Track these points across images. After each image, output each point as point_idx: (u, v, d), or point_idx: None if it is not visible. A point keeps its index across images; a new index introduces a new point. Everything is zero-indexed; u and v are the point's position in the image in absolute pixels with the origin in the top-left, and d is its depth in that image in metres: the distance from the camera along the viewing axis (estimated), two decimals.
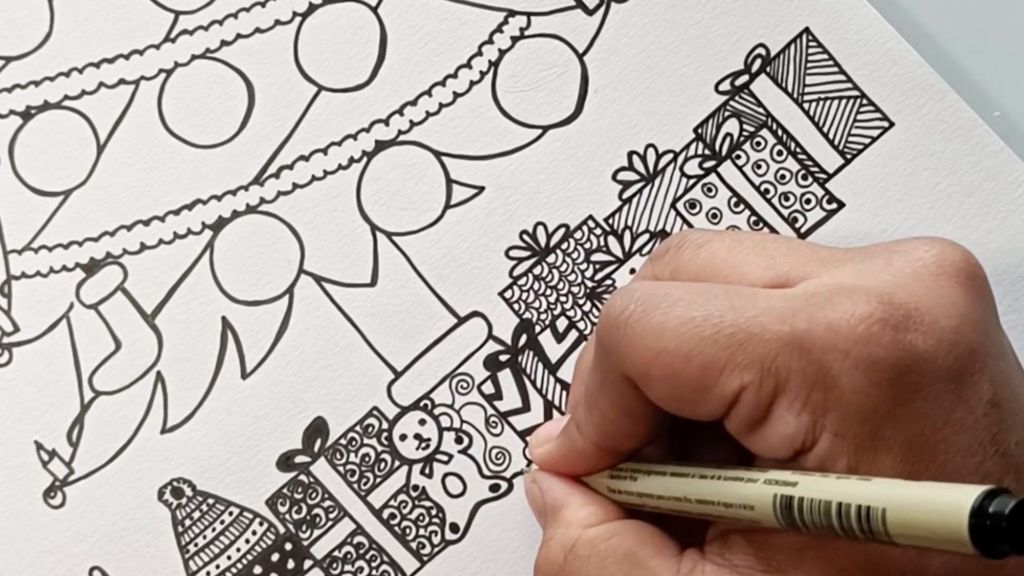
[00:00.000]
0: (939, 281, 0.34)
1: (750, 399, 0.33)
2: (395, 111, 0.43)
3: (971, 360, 0.33)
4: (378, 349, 0.42)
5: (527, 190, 0.43)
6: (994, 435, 0.33)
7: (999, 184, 0.42)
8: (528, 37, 0.43)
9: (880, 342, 0.32)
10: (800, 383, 0.32)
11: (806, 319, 0.33)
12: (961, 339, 0.33)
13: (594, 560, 0.36)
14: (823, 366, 0.32)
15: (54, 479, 0.42)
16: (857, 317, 0.32)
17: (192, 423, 0.42)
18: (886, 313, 0.32)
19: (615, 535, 0.36)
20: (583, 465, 0.38)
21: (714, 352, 0.33)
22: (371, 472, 0.42)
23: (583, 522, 0.37)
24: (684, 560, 0.35)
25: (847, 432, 0.32)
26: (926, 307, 0.33)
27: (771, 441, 0.33)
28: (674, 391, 0.34)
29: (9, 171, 0.43)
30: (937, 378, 0.32)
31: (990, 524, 0.27)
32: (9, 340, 0.42)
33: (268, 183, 0.43)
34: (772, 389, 0.32)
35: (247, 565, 0.42)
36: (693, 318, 0.33)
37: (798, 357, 0.32)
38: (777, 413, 0.33)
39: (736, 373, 0.33)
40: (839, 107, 0.42)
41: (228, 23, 0.43)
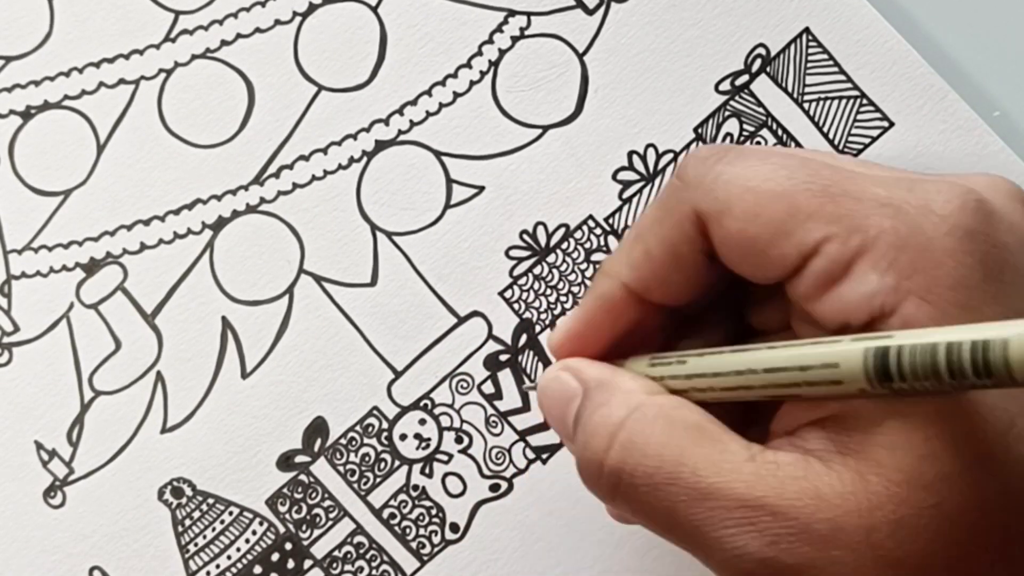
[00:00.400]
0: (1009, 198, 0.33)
1: (832, 251, 0.31)
2: (395, 111, 0.43)
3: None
4: (378, 349, 0.42)
5: (527, 190, 0.43)
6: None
7: None
8: (528, 37, 0.43)
9: (976, 218, 0.31)
10: (890, 242, 0.31)
11: (906, 187, 0.32)
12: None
13: (661, 422, 0.33)
14: (918, 228, 0.31)
15: (54, 479, 0.42)
16: (955, 193, 0.32)
17: (192, 423, 0.42)
18: (979, 201, 0.32)
19: (683, 406, 0.33)
20: (609, 319, 0.35)
21: (805, 199, 0.32)
22: (371, 472, 0.42)
23: (645, 388, 0.34)
24: (754, 445, 0.33)
25: (936, 296, 0.30)
26: (1005, 212, 0.32)
27: (847, 301, 0.31)
28: (752, 231, 0.32)
29: (9, 171, 0.43)
30: (1017, 271, 0.32)
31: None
32: (9, 340, 0.42)
33: (268, 183, 0.43)
34: (857, 245, 0.31)
35: (247, 565, 0.42)
36: (789, 165, 0.32)
37: (892, 217, 0.31)
38: (859, 270, 0.31)
39: (823, 223, 0.31)
40: (839, 107, 0.42)
41: (228, 23, 0.43)
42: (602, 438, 0.33)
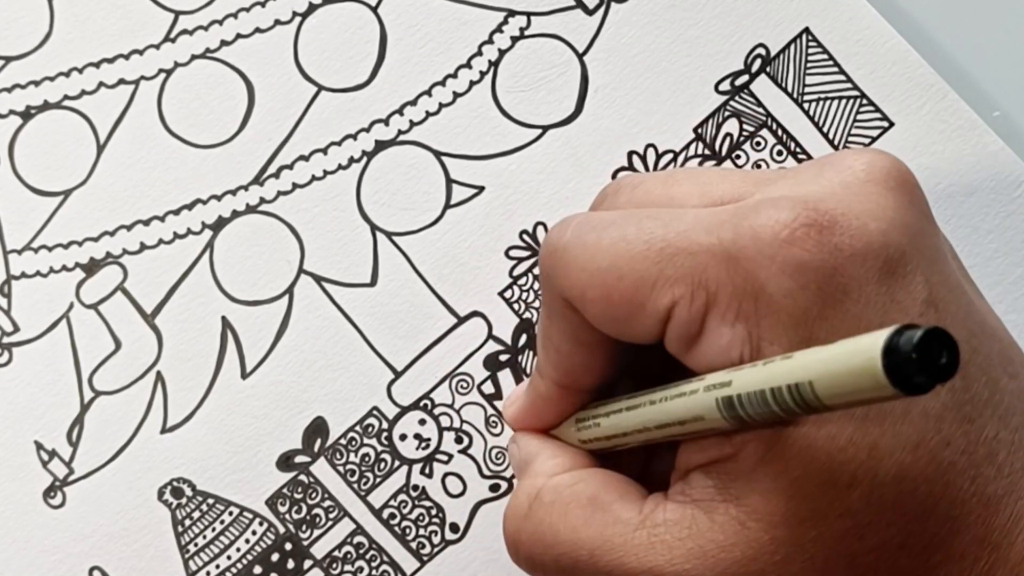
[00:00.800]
0: (867, 187, 0.34)
1: (683, 314, 0.33)
2: (395, 111, 0.43)
3: (902, 262, 0.33)
4: (378, 349, 0.42)
5: (527, 190, 0.43)
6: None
7: (999, 184, 0.42)
8: (528, 37, 0.43)
9: (805, 245, 0.32)
10: (730, 293, 0.32)
11: (732, 229, 0.32)
12: (890, 241, 0.33)
13: (558, 506, 0.36)
14: (750, 274, 0.32)
15: (54, 479, 0.42)
16: (781, 223, 0.32)
17: (192, 423, 0.42)
18: (810, 218, 0.32)
19: (579, 481, 0.36)
20: (551, 411, 0.38)
21: (645, 268, 0.33)
22: (371, 472, 0.42)
23: (550, 471, 0.37)
24: (647, 503, 0.35)
25: (781, 338, 0.32)
26: (853, 212, 0.33)
27: (709, 355, 0.33)
28: (609, 311, 0.34)
29: (9, 171, 0.43)
30: (867, 280, 0.32)
31: (901, 359, 0.26)
32: (9, 340, 0.42)
33: (268, 183, 0.43)
34: (704, 302, 0.33)
35: (247, 565, 0.42)
36: (625, 236, 0.34)
37: (726, 268, 0.32)
38: (711, 326, 0.33)
39: (667, 288, 0.33)
40: (839, 107, 0.42)
41: (228, 23, 0.43)
42: (513, 530, 0.37)
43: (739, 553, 0.33)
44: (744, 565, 0.32)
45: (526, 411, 0.39)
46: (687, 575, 0.33)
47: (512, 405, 0.40)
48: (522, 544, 0.36)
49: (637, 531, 0.34)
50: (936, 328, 0.27)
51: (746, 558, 0.32)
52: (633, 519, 0.34)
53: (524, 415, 0.39)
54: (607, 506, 0.35)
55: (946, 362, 0.27)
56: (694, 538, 0.33)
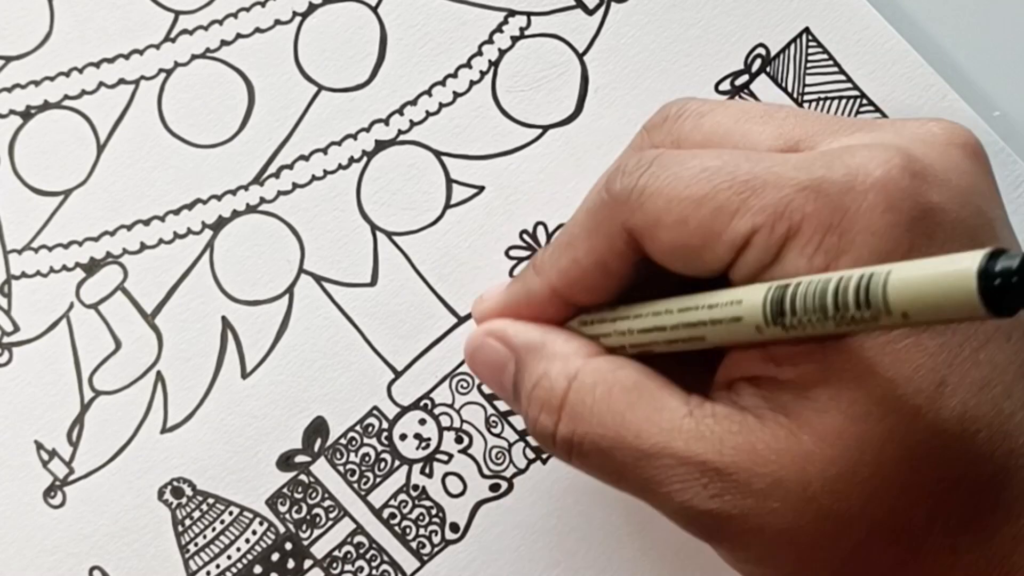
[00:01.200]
0: (948, 150, 0.34)
1: (761, 241, 0.32)
2: (395, 111, 0.43)
3: (982, 220, 0.33)
4: (378, 349, 0.42)
5: (527, 190, 0.43)
6: None
7: (999, 184, 0.42)
8: (528, 37, 0.43)
9: (899, 185, 0.32)
10: (815, 226, 0.32)
11: (824, 167, 0.32)
12: (972, 200, 0.33)
13: (601, 387, 0.34)
14: (840, 207, 0.32)
15: (54, 479, 0.42)
16: (876, 161, 0.32)
17: (192, 423, 0.42)
18: (905, 162, 0.32)
19: (622, 367, 0.35)
20: (532, 311, 0.37)
21: (728, 197, 0.33)
22: (371, 472, 0.42)
23: (581, 352, 0.36)
24: (693, 397, 0.34)
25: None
26: (940, 167, 0.33)
27: None
28: (683, 238, 0.33)
29: (9, 171, 0.43)
30: (951, 229, 0.32)
31: (1000, 283, 0.26)
32: (9, 340, 0.42)
33: (268, 183, 0.43)
34: (784, 232, 0.32)
35: (247, 565, 0.42)
36: (707, 167, 0.33)
37: (814, 200, 0.32)
38: (788, 257, 0.32)
39: (748, 216, 0.32)
40: (839, 107, 0.42)
41: (228, 23, 0.43)
42: (548, 412, 0.35)
43: (789, 460, 0.32)
44: (793, 472, 0.32)
45: (505, 306, 0.38)
46: (734, 467, 0.32)
47: (486, 301, 0.38)
48: (562, 424, 0.35)
49: (686, 418, 0.33)
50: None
51: (797, 465, 0.32)
52: (681, 407, 0.34)
53: (500, 310, 0.38)
54: (654, 392, 0.34)
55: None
56: (745, 434, 0.33)
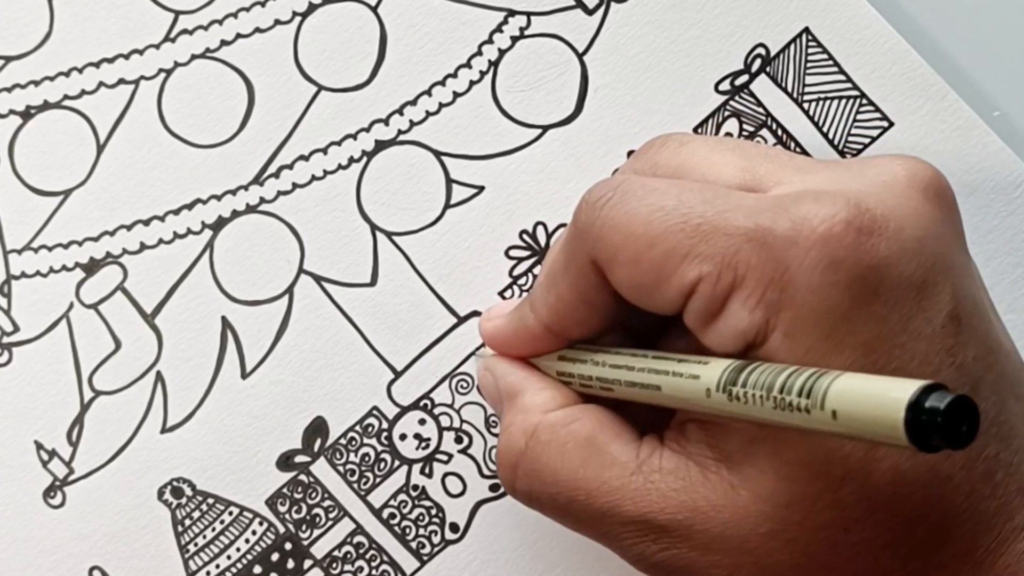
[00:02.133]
0: (908, 193, 0.34)
1: (706, 290, 0.33)
2: (395, 111, 0.43)
3: (933, 271, 0.33)
4: (378, 349, 0.42)
5: (527, 190, 0.43)
6: (951, 347, 0.33)
7: (999, 184, 0.42)
8: (528, 37, 0.43)
9: (841, 242, 0.32)
10: (757, 279, 0.32)
11: (771, 217, 0.33)
12: (925, 249, 0.33)
13: (555, 445, 0.36)
14: (782, 263, 0.32)
15: (54, 479, 0.42)
16: (820, 217, 0.32)
17: (192, 423, 0.42)
18: (851, 216, 0.32)
19: (575, 420, 0.36)
20: (529, 346, 0.38)
21: (679, 240, 0.33)
22: (371, 472, 0.42)
23: (542, 407, 0.37)
24: (643, 445, 0.35)
25: (798, 331, 0.32)
26: (892, 215, 0.33)
27: (724, 335, 0.33)
28: (636, 276, 0.34)
29: (9, 171, 0.43)
30: (897, 284, 0.32)
31: (926, 418, 0.27)
32: (9, 340, 0.42)
33: (268, 183, 0.43)
34: (729, 283, 0.33)
35: (247, 565, 0.42)
36: (664, 206, 0.34)
37: (758, 252, 0.32)
38: (732, 307, 0.33)
39: (696, 263, 0.33)
40: (839, 107, 0.42)
41: (228, 23, 0.43)
42: (508, 467, 0.37)
43: (728, 516, 0.33)
44: (730, 528, 0.33)
45: (505, 335, 0.39)
46: (679, 526, 0.34)
47: (491, 321, 0.40)
48: (519, 480, 0.37)
49: (634, 475, 0.35)
50: (964, 397, 0.27)
51: (733, 521, 0.33)
52: (630, 463, 0.35)
53: (501, 338, 0.39)
54: (604, 447, 0.35)
55: (966, 431, 0.27)
56: (687, 491, 0.34)
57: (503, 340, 0.39)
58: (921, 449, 0.27)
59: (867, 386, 0.28)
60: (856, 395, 0.28)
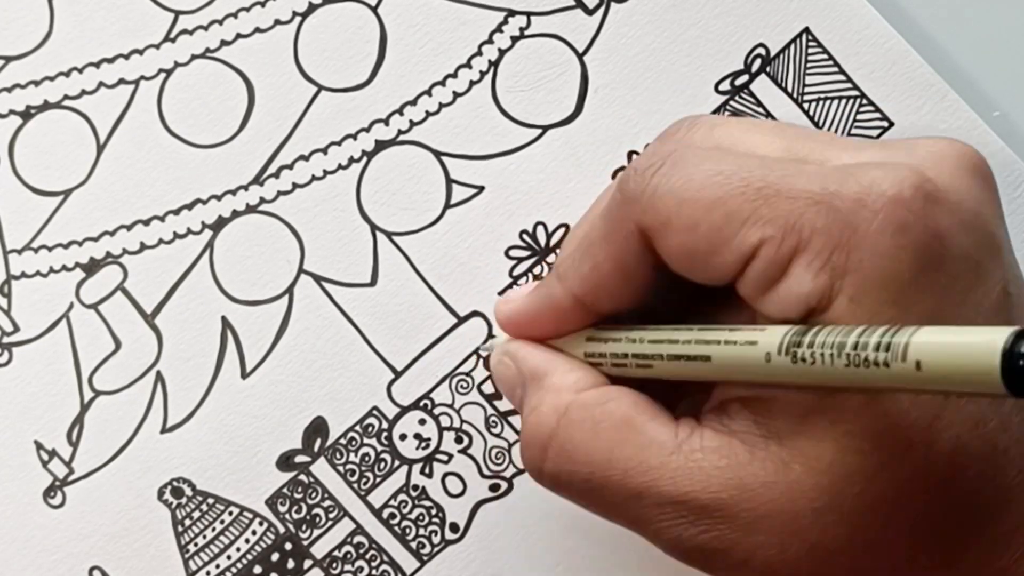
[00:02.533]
0: (960, 171, 0.34)
1: (768, 254, 0.32)
2: (395, 111, 0.43)
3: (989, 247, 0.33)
4: (378, 349, 0.42)
5: (527, 190, 0.43)
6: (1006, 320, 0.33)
7: (999, 184, 0.42)
8: (528, 37, 0.43)
9: (911, 207, 0.32)
10: (823, 242, 0.32)
11: (838, 181, 0.32)
12: (981, 224, 0.33)
13: (588, 424, 0.35)
14: (850, 225, 0.31)
15: (54, 479, 0.42)
16: (889, 180, 0.32)
17: (192, 423, 0.42)
18: (917, 182, 0.32)
19: (610, 400, 0.35)
20: (555, 321, 0.37)
21: (739, 204, 0.32)
22: (371, 472, 0.42)
23: (574, 386, 0.36)
24: (681, 426, 0.34)
25: (864, 296, 0.31)
26: (952, 189, 0.33)
27: (785, 301, 0.32)
28: (692, 242, 0.33)
29: (9, 171, 0.43)
30: (960, 255, 0.32)
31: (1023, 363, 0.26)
32: (9, 340, 0.42)
33: (268, 183, 0.43)
34: (793, 246, 0.32)
35: (247, 565, 0.42)
36: (722, 171, 0.33)
37: (825, 215, 0.32)
38: (795, 272, 0.32)
39: (758, 226, 0.32)
40: (839, 107, 0.42)
41: (228, 23, 0.43)
42: (537, 448, 0.35)
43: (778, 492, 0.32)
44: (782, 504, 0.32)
45: (527, 313, 0.37)
46: (723, 504, 0.33)
47: (510, 303, 0.38)
48: (548, 461, 0.35)
49: (673, 455, 0.33)
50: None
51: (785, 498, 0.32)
52: (669, 442, 0.34)
53: (523, 317, 0.38)
54: (641, 426, 0.34)
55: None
56: (734, 468, 0.33)
57: (525, 319, 0.37)
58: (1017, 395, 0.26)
59: (951, 336, 0.28)
60: (942, 345, 0.28)
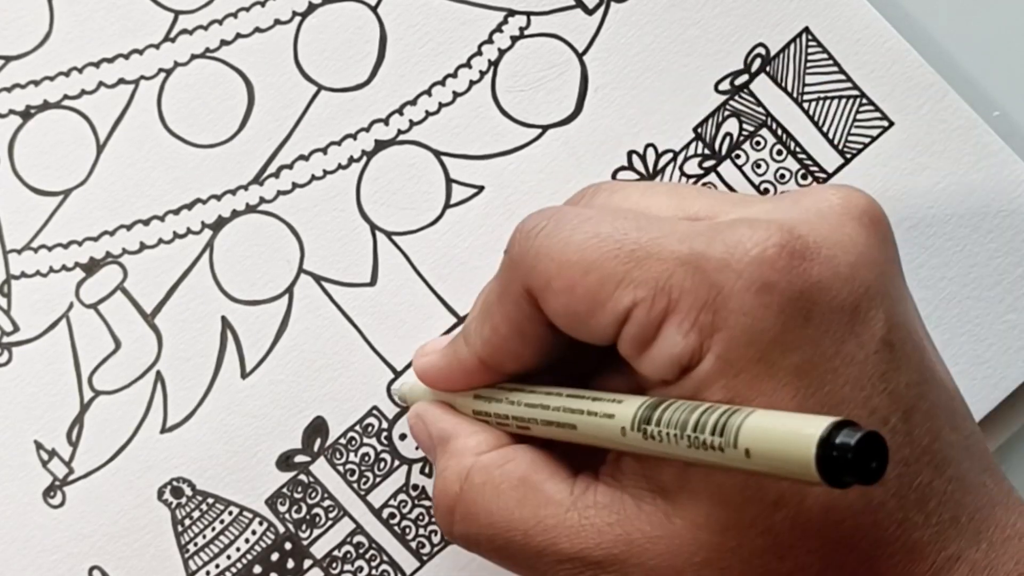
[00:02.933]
0: (842, 220, 0.34)
1: (641, 316, 0.33)
2: (395, 111, 0.43)
3: (866, 297, 0.33)
4: (378, 349, 0.42)
5: (527, 190, 0.43)
6: (883, 372, 0.33)
7: (999, 184, 0.42)
8: (528, 37, 0.43)
9: (775, 266, 0.32)
10: (691, 303, 0.32)
11: (705, 241, 0.33)
12: (858, 275, 0.33)
13: (489, 487, 0.36)
14: (715, 286, 0.32)
15: (54, 479, 0.42)
16: (754, 241, 0.32)
17: (192, 423, 0.42)
18: (784, 240, 0.33)
19: (508, 460, 0.36)
20: (463, 380, 0.38)
21: (613, 267, 0.33)
22: (371, 471, 0.42)
23: (475, 449, 0.37)
24: (578, 482, 0.35)
25: (731, 353, 0.32)
26: (825, 242, 0.33)
27: (658, 361, 0.33)
28: (571, 304, 0.34)
29: (9, 171, 0.43)
30: (830, 308, 0.32)
31: (836, 455, 0.27)
32: (9, 340, 0.42)
33: (268, 183, 0.43)
34: (663, 308, 0.33)
35: (247, 564, 0.42)
36: (599, 233, 0.34)
37: (692, 276, 0.32)
38: (666, 333, 0.33)
39: (630, 289, 0.33)
40: (839, 106, 0.42)
41: (228, 23, 0.43)
42: (444, 511, 0.37)
43: (663, 547, 0.33)
44: (666, 559, 0.33)
45: (438, 369, 0.39)
46: (615, 560, 0.34)
47: (426, 357, 0.39)
48: (455, 524, 0.37)
49: (569, 512, 0.34)
50: (873, 433, 0.28)
51: (668, 552, 0.33)
52: (565, 500, 0.35)
53: (434, 372, 0.39)
54: (539, 486, 0.35)
55: (875, 467, 0.28)
56: (622, 524, 0.34)
57: (437, 375, 0.39)
58: (832, 485, 0.27)
59: (778, 424, 0.29)
60: (768, 432, 0.29)
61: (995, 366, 0.42)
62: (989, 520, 0.34)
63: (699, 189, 0.37)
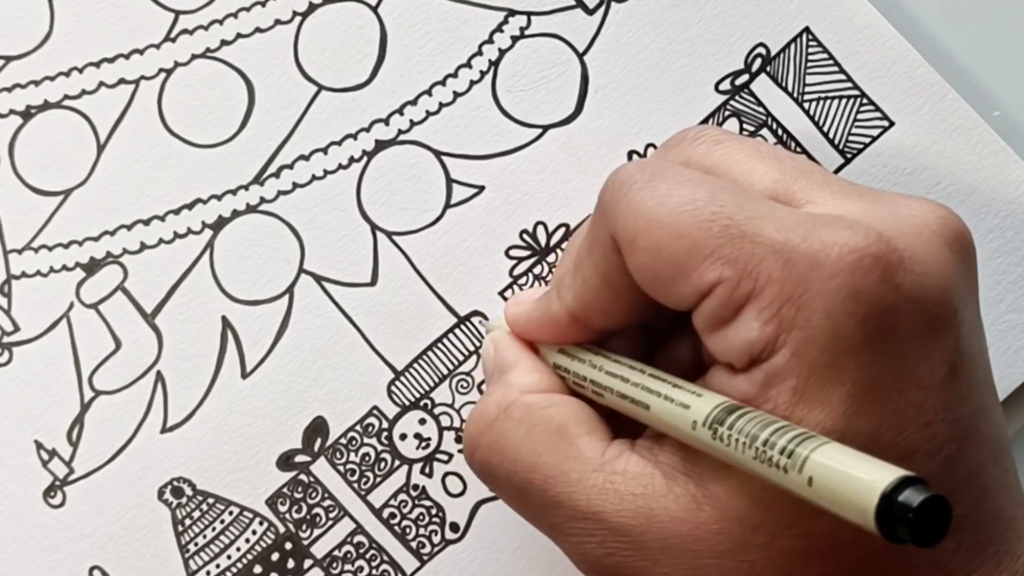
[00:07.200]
0: (937, 241, 0.34)
1: (723, 294, 0.33)
2: (395, 111, 0.43)
3: (947, 323, 0.33)
4: (378, 349, 0.42)
5: (527, 190, 0.43)
6: (947, 401, 0.33)
7: (999, 184, 0.42)
8: (528, 36, 0.43)
9: (867, 276, 0.32)
10: (776, 293, 0.32)
11: (802, 235, 0.32)
12: (944, 299, 0.33)
13: (525, 424, 0.36)
14: (804, 282, 0.32)
15: (54, 479, 0.42)
16: (851, 246, 0.32)
17: (192, 423, 0.42)
18: (880, 251, 0.32)
19: (552, 406, 0.36)
20: (552, 333, 0.38)
21: (705, 238, 0.33)
22: (371, 471, 0.42)
23: (525, 387, 0.37)
24: (612, 446, 0.35)
25: (806, 354, 0.32)
26: (920, 261, 0.33)
27: (730, 343, 0.33)
28: (655, 265, 0.34)
29: (9, 171, 0.43)
30: (911, 329, 0.32)
31: (897, 512, 0.27)
32: (9, 340, 0.42)
33: (268, 182, 0.43)
34: (748, 292, 0.32)
35: (247, 564, 0.42)
36: (695, 199, 0.33)
37: (782, 267, 0.32)
38: (745, 317, 0.32)
39: (718, 265, 0.33)
40: (839, 107, 0.42)
41: (228, 23, 0.43)
42: (474, 434, 0.36)
43: (685, 529, 0.33)
44: (687, 542, 0.33)
45: (529, 321, 0.38)
46: (631, 530, 0.33)
47: (518, 306, 0.39)
48: (480, 450, 0.36)
49: (595, 472, 0.34)
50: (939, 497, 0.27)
51: (690, 537, 0.33)
52: (594, 459, 0.34)
53: (525, 323, 0.38)
54: (573, 438, 0.35)
55: (934, 531, 0.28)
56: (646, 498, 0.33)
57: (527, 326, 0.38)
58: (887, 539, 0.27)
59: (847, 463, 0.29)
60: (835, 469, 0.29)
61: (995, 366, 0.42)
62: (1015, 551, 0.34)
63: (803, 166, 0.36)
